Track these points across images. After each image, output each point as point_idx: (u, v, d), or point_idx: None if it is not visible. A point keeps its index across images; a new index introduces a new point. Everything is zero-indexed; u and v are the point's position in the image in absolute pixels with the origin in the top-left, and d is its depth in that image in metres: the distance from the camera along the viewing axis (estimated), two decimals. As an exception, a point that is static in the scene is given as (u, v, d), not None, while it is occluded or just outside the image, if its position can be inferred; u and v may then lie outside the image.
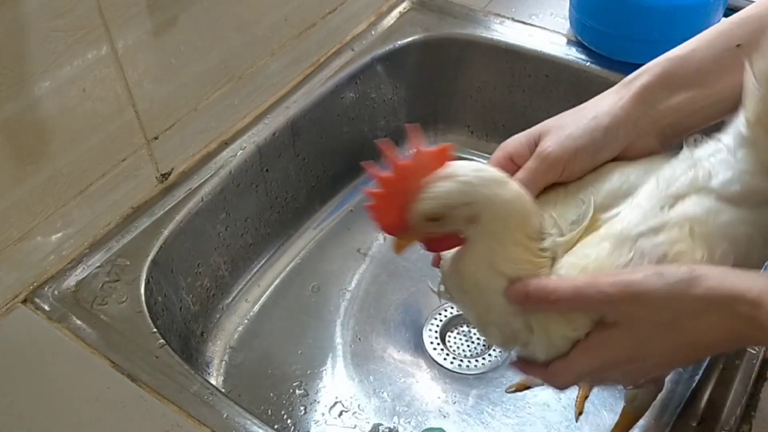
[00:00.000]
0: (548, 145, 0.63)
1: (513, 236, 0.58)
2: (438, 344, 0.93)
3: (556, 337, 0.59)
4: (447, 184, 0.56)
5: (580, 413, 0.84)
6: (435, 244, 0.62)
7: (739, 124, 0.59)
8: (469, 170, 0.57)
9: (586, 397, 0.84)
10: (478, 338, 0.94)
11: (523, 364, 0.64)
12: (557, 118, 0.66)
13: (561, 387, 0.63)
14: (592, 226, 0.60)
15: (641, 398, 0.70)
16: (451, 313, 0.96)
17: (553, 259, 0.59)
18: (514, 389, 0.86)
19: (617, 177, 0.63)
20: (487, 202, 0.56)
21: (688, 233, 0.57)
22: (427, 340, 0.93)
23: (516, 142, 0.66)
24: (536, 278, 0.58)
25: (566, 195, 0.63)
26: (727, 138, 0.60)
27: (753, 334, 0.53)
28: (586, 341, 0.58)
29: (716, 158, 0.60)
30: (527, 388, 0.86)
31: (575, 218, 0.61)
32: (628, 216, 0.59)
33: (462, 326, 0.95)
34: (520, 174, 0.63)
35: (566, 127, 0.64)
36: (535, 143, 0.65)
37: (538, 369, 0.62)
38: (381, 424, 0.85)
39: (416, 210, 0.57)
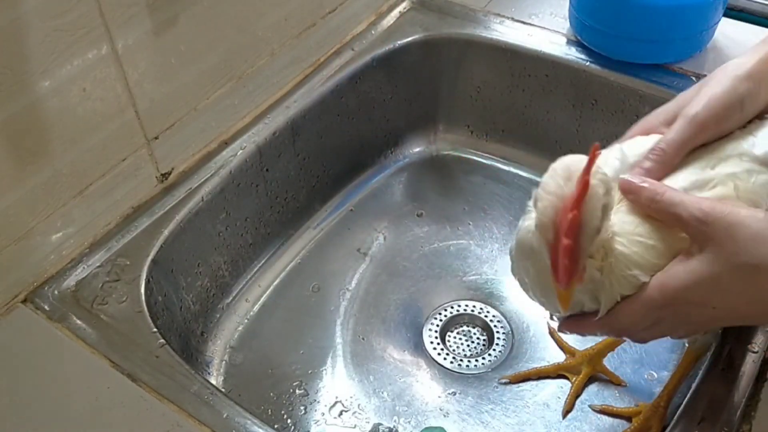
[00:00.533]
0: (694, 108, 0.62)
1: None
2: (438, 344, 0.93)
3: (631, 273, 0.58)
4: (597, 178, 0.53)
5: (569, 411, 0.84)
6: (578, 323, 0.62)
7: None
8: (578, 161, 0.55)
9: (578, 396, 0.85)
10: (478, 338, 0.94)
11: (576, 322, 0.63)
12: (696, 86, 0.65)
13: (624, 332, 0.61)
14: None
15: (701, 339, 0.71)
16: (452, 313, 0.96)
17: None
18: (507, 380, 0.86)
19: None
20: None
21: (732, 189, 0.60)
22: (427, 340, 0.93)
23: (654, 117, 0.66)
24: (648, 180, 0.59)
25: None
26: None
27: None
28: (663, 273, 0.57)
29: (759, 132, 0.62)
30: (525, 380, 0.86)
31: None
32: (675, 178, 0.61)
33: (462, 326, 0.95)
34: (668, 135, 0.62)
35: (707, 86, 0.63)
36: (674, 116, 0.64)
37: (594, 323, 0.61)
38: (381, 424, 0.85)
39: (590, 226, 0.53)
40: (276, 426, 0.85)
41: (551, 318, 0.90)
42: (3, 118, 0.70)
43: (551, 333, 0.91)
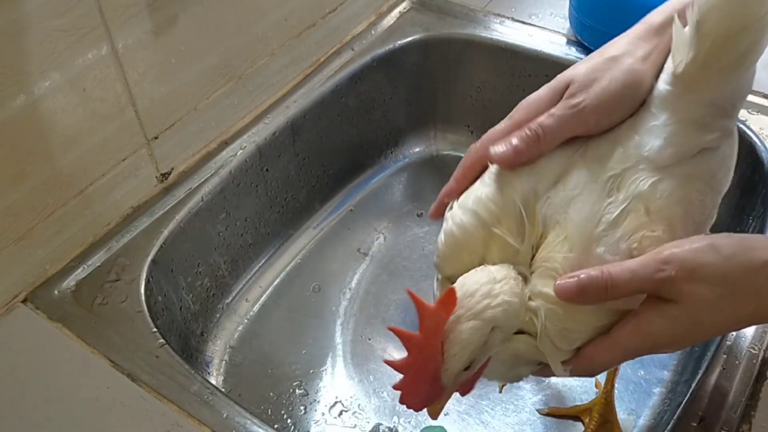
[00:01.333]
0: (583, 97, 0.58)
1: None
2: (438, 344, 0.93)
3: (570, 339, 0.57)
4: (468, 325, 0.53)
5: (504, 385, 0.85)
6: (469, 385, 0.59)
7: (660, 87, 0.58)
8: (478, 297, 0.54)
9: None
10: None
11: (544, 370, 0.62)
12: (584, 65, 0.60)
13: (597, 372, 0.59)
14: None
15: None
16: (451, 312, 0.96)
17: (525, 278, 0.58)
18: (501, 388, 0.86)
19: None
20: (510, 313, 0.55)
21: (644, 214, 0.56)
22: (427, 340, 0.93)
23: (537, 97, 0.62)
24: (582, 271, 0.54)
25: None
26: (645, 106, 0.59)
27: None
28: (637, 320, 0.55)
29: (641, 129, 0.58)
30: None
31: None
32: (578, 212, 0.57)
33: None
34: (545, 119, 0.59)
35: (600, 80, 0.59)
36: (560, 95, 0.60)
37: (564, 364, 0.59)
38: (381, 424, 0.85)
39: (451, 369, 0.53)
40: (276, 426, 0.85)
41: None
42: (3, 118, 0.70)
43: (551, 413, 0.86)
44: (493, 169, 0.61)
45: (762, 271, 0.52)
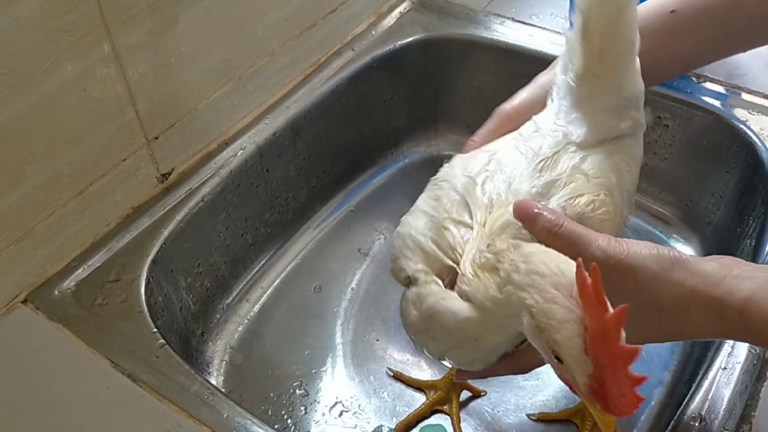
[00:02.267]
0: (505, 106, 0.75)
1: None
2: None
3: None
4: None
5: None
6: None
7: (567, 86, 0.68)
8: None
9: (460, 421, 0.84)
10: (478, 338, 0.94)
11: (475, 372, 0.66)
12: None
13: (530, 369, 0.64)
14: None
15: None
16: (452, 313, 0.96)
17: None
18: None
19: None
20: None
21: (585, 181, 0.63)
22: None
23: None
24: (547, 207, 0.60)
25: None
26: (562, 102, 0.69)
27: (740, 337, 0.57)
28: None
29: (562, 121, 0.68)
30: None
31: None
32: (519, 185, 0.64)
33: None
34: (482, 129, 0.74)
35: (518, 95, 0.75)
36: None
37: (498, 367, 0.64)
38: (382, 425, 0.85)
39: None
40: (276, 426, 0.85)
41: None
42: (3, 118, 0.70)
43: (396, 376, 0.89)
44: (429, 186, 0.71)
45: (687, 297, 0.54)
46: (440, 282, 0.63)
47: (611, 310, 0.47)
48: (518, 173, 0.65)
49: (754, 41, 0.77)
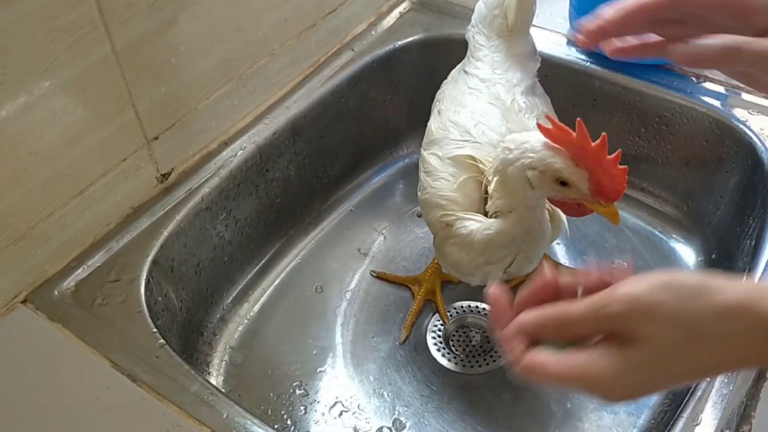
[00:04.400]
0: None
1: None
2: (439, 343, 0.93)
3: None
4: None
5: (407, 337, 0.94)
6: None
7: (494, 45, 0.90)
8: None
9: (413, 324, 0.95)
10: (479, 338, 0.94)
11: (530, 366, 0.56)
12: None
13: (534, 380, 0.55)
14: None
15: None
16: (452, 313, 0.96)
17: None
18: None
19: None
20: None
21: (540, 113, 0.86)
22: (430, 341, 0.93)
23: None
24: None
25: None
26: (494, 57, 0.90)
27: None
28: (584, 354, 0.50)
29: (499, 70, 0.88)
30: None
31: None
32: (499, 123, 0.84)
33: (463, 326, 0.95)
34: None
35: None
36: None
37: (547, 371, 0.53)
38: (383, 426, 0.85)
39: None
40: (276, 426, 0.85)
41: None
42: (3, 118, 0.70)
43: (380, 276, 1.01)
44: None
45: (725, 317, 0.47)
46: (475, 216, 0.78)
47: (573, 133, 0.67)
48: (498, 114, 0.84)
49: None
